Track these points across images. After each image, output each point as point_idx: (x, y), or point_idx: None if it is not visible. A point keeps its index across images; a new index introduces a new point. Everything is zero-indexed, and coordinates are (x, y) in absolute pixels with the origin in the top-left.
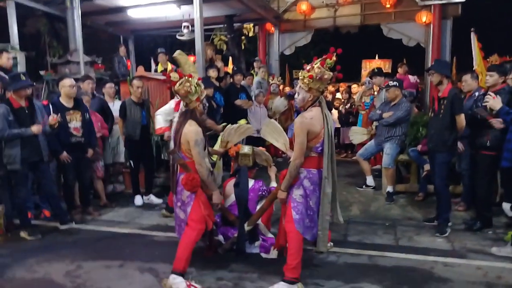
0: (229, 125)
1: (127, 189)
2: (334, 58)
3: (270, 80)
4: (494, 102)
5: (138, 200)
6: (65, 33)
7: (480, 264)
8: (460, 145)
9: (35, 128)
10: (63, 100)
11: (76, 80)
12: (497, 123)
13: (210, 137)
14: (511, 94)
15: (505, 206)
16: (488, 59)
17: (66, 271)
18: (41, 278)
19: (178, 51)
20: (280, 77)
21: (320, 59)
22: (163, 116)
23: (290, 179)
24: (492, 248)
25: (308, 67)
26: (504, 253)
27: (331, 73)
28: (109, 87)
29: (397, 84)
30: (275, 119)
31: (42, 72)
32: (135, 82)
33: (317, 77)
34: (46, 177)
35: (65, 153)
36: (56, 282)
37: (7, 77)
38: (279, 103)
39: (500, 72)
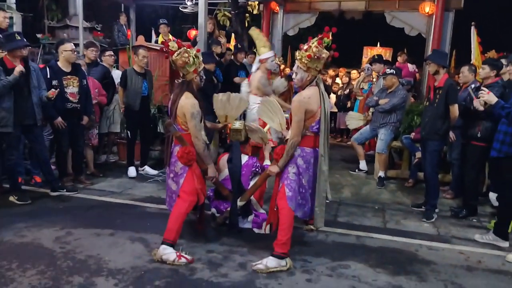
0: (217, 95)
1: (121, 160)
2: (330, 37)
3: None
4: (490, 96)
5: (132, 171)
6: None
7: (463, 249)
8: (451, 135)
9: (17, 69)
10: (61, 64)
11: (75, 45)
12: (477, 103)
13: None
14: (504, 88)
15: (492, 196)
16: (486, 54)
17: (56, 237)
18: (30, 242)
19: (252, 28)
20: (281, 58)
21: (316, 38)
22: None
23: (287, 158)
24: (475, 235)
25: (305, 46)
26: (486, 240)
27: (328, 52)
28: (108, 55)
29: (394, 72)
30: None
31: (39, 35)
32: (141, 51)
33: (315, 56)
34: (39, 142)
35: (59, 119)
36: (45, 247)
37: (1, 36)
38: (279, 83)
39: (492, 65)
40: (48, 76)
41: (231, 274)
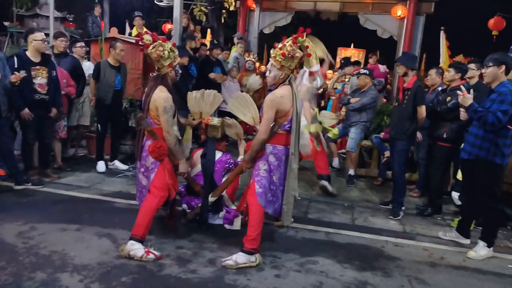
0: (191, 93)
1: (90, 154)
2: (304, 37)
3: (245, 57)
4: (465, 98)
5: (101, 166)
6: None
7: (427, 245)
8: (418, 135)
9: None
10: (29, 54)
11: (46, 35)
12: (462, 113)
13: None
14: (469, 91)
15: (454, 195)
16: (454, 58)
17: (19, 232)
18: None
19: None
20: (256, 55)
21: (291, 37)
22: None
23: (252, 153)
24: (439, 232)
25: (280, 45)
26: (449, 237)
27: (302, 52)
28: (79, 47)
29: (367, 73)
30: None
31: (6, 23)
32: (119, 45)
33: (289, 55)
34: (3, 133)
35: (26, 110)
36: (7, 242)
37: None
38: (254, 81)
39: (457, 68)
40: (16, 66)
41: (200, 270)
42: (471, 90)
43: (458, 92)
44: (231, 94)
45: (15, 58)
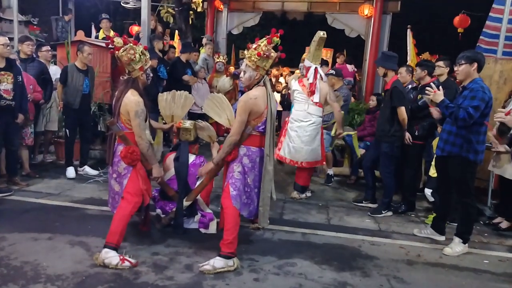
0: (161, 95)
1: (59, 160)
2: (278, 38)
3: (215, 58)
4: (435, 95)
5: (71, 172)
6: None
7: (403, 243)
8: (407, 136)
9: None
10: None
11: (10, 39)
12: (434, 111)
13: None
14: (438, 88)
15: (427, 191)
16: (420, 56)
17: None
18: None
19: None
20: (225, 56)
21: (265, 38)
22: None
23: (222, 154)
24: (414, 230)
25: (254, 45)
26: (424, 234)
27: (276, 53)
28: (45, 50)
29: (334, 73)
30: None
31: None
32: (87, 48)
33: (265, 55)
34: None
35: None
36: None
37: None
38: (224, 82)
39: (422, 66)
40: None
41: (177, 276)
42: (441, 87)
43: (428, 89)
44: (201, 96)
45: None
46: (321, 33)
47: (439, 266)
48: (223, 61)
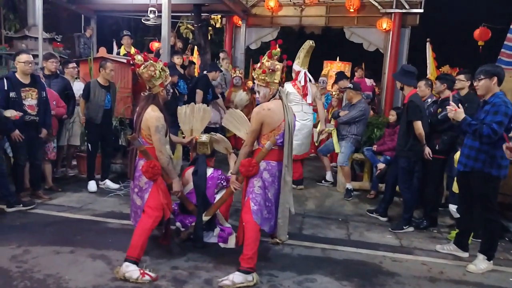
0: (180, 108)
1: (81, 174)
2: (278, 49)
3: (232, 73)
4: (456, 114)
5: (92, 185)
6: (23, 6)
7: (425, 260)
8: (427, 151)
9: None
10: (19, 76)
11: (34, 56)
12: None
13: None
14: (460, 102)
15: (452, 207)
16: (440, 69)
17: (12, 256)
18: None
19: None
20: (242, 71)
21: (265, 54)
22: None
23: (238, 165)
24: (436, 246)
25: (258, 64)
26: (447, 250)
27: (281, 64)
28: (72, 67)
29: (351, 87)
30: None
31: None
32: (109, 65)
33: (270, 70)
34: None
35: (17, 131)
36: (1, 266)
37: None
38: (242, 96)
39: (441, 79)
40: (6, 88)
41: None
42: (460, 105)
43: (449, 108)
44: (215, 110)
45: (5, 80)
46: (310, 42)
47: (462, 283)
48: (240, 75)
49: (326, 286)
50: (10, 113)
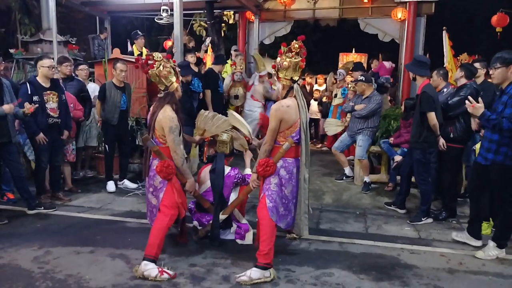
0: (204, 111)
1: (99, 175)
2: (286, 46)
3: (233, 68)
4: (475, 109)
5: (111, 186)
6: (38, 10)
7: (444, 251)
8: (441, 142)
9: (7, 108)
10: (40, 80)
11: None
12: (474, 124)
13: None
14: (475, 90)
15: None
16: (458, 57)
17: (34, 257)
18: (7, 264)
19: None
20: (242, 66)
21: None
22: None
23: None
24: (452, 233)
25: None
26: (460, 238)
27: (290, 59)
28: (81, 69)
29: (363, 79)
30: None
31: (12, 50)
32: (119, 66)
33: (279, 66)
34: (14, 159)
35: (41, 134)
36: (23, 267)
37: None
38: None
39: (462, 68)
40: (29, 92)
41: (214, 287)
42: (480, 100)
43: (467, 103)
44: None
45: (28, 85)
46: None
47: (482, 274)
48: (241, 71)
49: (343, 280)
50: (25, 107)
